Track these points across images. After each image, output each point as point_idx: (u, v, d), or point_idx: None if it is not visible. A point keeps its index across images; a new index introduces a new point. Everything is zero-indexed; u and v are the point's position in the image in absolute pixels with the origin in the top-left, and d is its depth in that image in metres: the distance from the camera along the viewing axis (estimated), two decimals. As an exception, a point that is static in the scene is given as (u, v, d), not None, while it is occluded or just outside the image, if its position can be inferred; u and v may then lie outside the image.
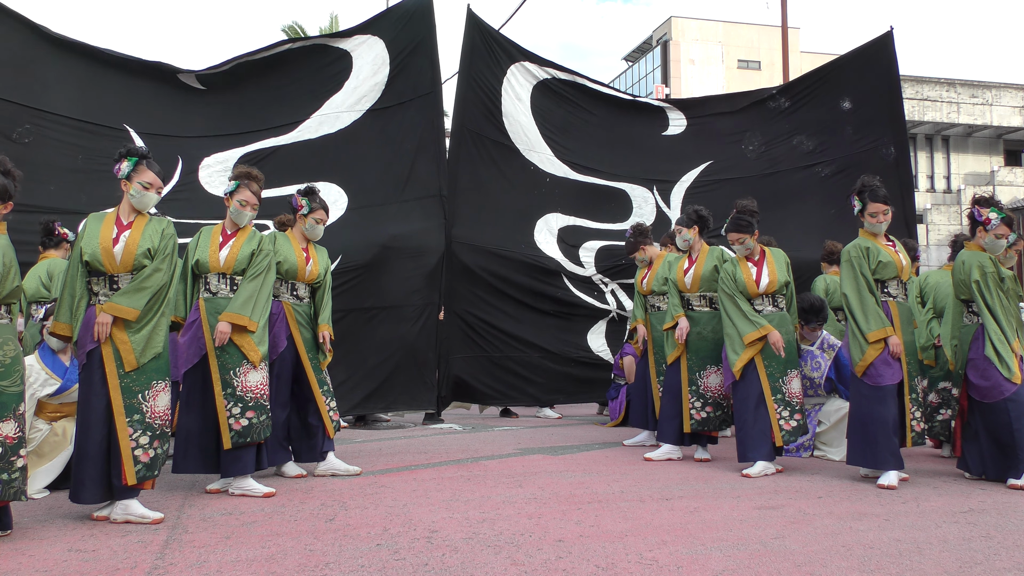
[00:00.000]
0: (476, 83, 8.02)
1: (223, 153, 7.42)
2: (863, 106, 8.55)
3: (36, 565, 3.05)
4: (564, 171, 8.39)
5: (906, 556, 3.15)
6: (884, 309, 4.73)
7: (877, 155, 8.39)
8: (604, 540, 3.36)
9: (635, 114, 8.90)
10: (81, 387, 3.85)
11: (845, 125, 8.60)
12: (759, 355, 5.08)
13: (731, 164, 8.72)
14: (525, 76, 8.33)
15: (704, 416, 5.50)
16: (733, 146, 8.80)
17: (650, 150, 8.77)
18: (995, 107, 28.57)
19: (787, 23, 15.42)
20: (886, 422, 4.61)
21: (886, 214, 4.81)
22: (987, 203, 4.73)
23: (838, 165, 8.53)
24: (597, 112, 8.70)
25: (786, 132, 8.75)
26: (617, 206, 8.52)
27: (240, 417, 4.35)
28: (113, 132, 7.07)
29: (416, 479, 4.80)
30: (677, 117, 8.90)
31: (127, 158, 3.93)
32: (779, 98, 8.84)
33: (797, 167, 8.67)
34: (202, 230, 4.63)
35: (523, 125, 8.24)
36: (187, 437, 4.40)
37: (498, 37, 8.40)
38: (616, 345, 8.10)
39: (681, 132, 8.86)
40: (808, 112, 8.73)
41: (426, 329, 7.48)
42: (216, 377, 4.35)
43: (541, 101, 8.40)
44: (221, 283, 4.48)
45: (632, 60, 43.86)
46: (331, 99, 7.71)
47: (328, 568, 2.98)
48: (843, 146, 8.58)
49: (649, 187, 8.61)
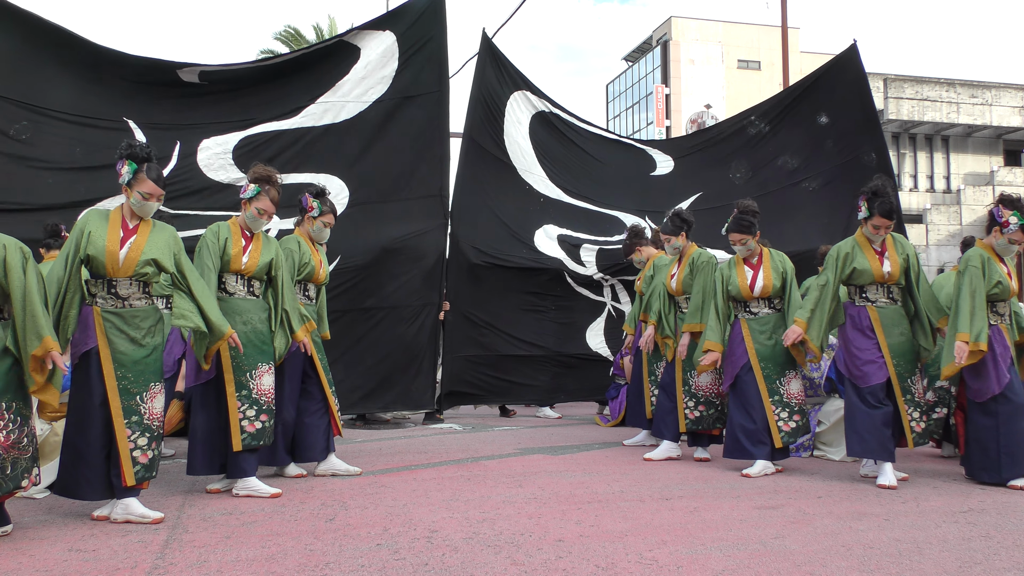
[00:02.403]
0: (483, 100, 8.17)
1: (223, 136, 7.26)
2: (839, 119, 8.82)
3: (36, 565, 3.05)
4: (557, 193, 8.56)
5: (906, 556, 3.15)
6: (862, 313, 4.81)
7: (859, 164, 8.62)
8: (604, 540, 3.36)
9: (624, 154, 9.16)
10: (74, 387, 3.82)
11: (825, 139, 8.87)
12: (755, 357, 5.10)
13: (720, 191, 8.88)
14: (526, 104, 8.53)
15: (697, 415, 5.52)
16: (721, 176, 9.03)
17: (640, 187, 9.01)
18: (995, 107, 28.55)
19: (787, 23, 15.42)
20: (871, 415, 4.67)
21: (888, 228, 4.83)
22: (1012, 205, 4.63)
23: (824, 178, 8.81)
24: (589, 149, 8.93)
25: (770, 155, 9.01)
26: (611, 227, 8.68)
27: (255, 420, 4.35)
28: (112, 125, 7.00)
29: (416, 479, 4.80)
30: (664, 159, 9.15)
31: (128, 162, 3.86)
32: (758, 124, 9.09)
33: (785, 185, 8.92)
34: (220, 227, 4.50)
35: (521, 147, 8.43)
36: (207, 438, 4.37)
37: (506, 63, 8.56)
38: (614, 342, 8.14)
39: (669, 172, 9.12)
40: (788, 132, 9.00)
41: (425, 329, 7.48)
42: (230, 378, 4.34)
43: (538, 130, 8.61)
44: (239, 284, 4.48)
45: (632, 60, 43.88)
46: (336, 86, 7.60)
47: (328, 568, 2.99)
48: (826, 159, 8.85)
49: (642, 216, 8.76)
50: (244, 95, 7.49)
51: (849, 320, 4.88)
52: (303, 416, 4.90)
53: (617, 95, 44.47)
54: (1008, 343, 4.67)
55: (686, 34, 39.03)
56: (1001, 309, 4.73)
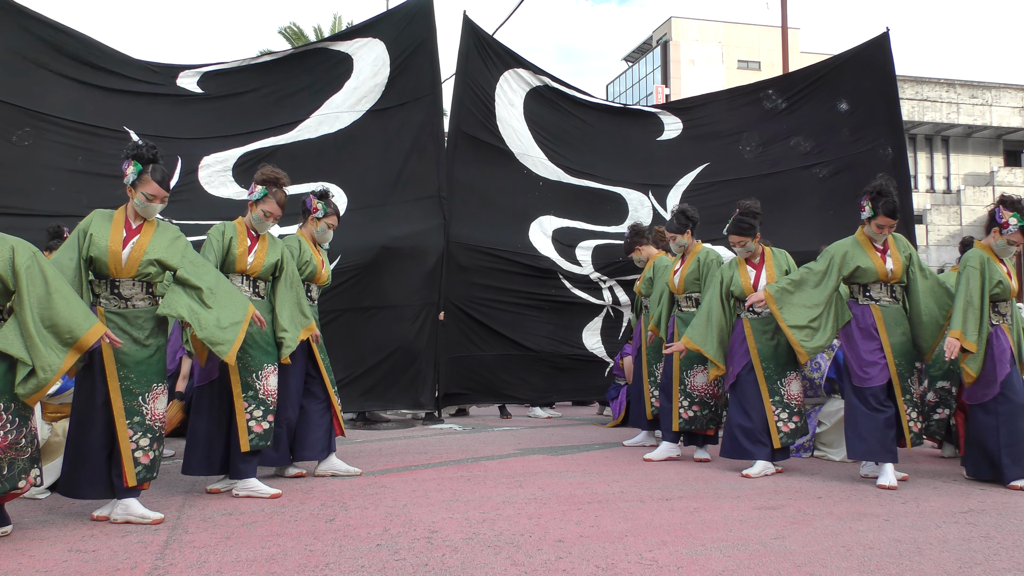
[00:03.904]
0: (471, 87, 8.05)
1: (222, 153, 7.40)
2: (860, 107, 8.54)
3: (36, 565, 3.05)
4: (558, 175, 8.42)
5: (906, 556, 3.15)
6: (866, 312, 4.82)
7: (874, 156, 8.38)
8: (604, 540, 3.36)
9: (628, 121, 8.92)
10: (78, 386, 3.82)
11: (842, 126, 8.58)
12: (757, 357, 5.10)
13: (728, 166, 8.69)
14: (518, 82, 8.38)
15: (691, 415, 5.52)
16: (730, 147, 8.77)
17: (645, 156, 8.77)
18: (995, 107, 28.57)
19: (787, 23, 15.42)
20: (873, 417, 4.67)
21: (892, 228, 4.83)
22: (1012, 207, 4.65)
23: (836, 166, 8.53)
24: (590, 119, 8.73)
25: (783, 133, 8.72)
26: (613, 209, 8.53)
27: (262, 420, 4.36)
28: (113, 134, 7.05)
29: (416, 479, 4.80)
30: (672, 121, 8.89)
31: (133, 162, 3.86)
32: (775, 98, 8.81)
33: (795, 168, 8.65)
34: (225, 226, 4.51)
35: (516, 130, 8.29)
36: (206, 439, 4.37)
37: (492, 43, 8.42)
38: (611, 342, 8.11)
39: (676, 136, 8.85)
40: (805, 113, 8.72)
41: (425, 329, 7.49)
42: (236, 379, 4.33)
43: (534, 107, 8.44)
44: (244, 285, 4.48)
45: (632, 60, 43.89)
46: (331, 99, 7.71)
47: (328, 568, 2.98)
48: (840, 147, 8.56)
49: (645, 191, 8.61)
50: (242, 107, 7.60)
51: (853, 319, 4.88)
52: (305, 415, 4.90)
53: (617, 95, 44.47)
54: (1010, 342, 4.68)
55: (686, 34, 39.04)
56: (1003, 309, 4.74)
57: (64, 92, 7.00)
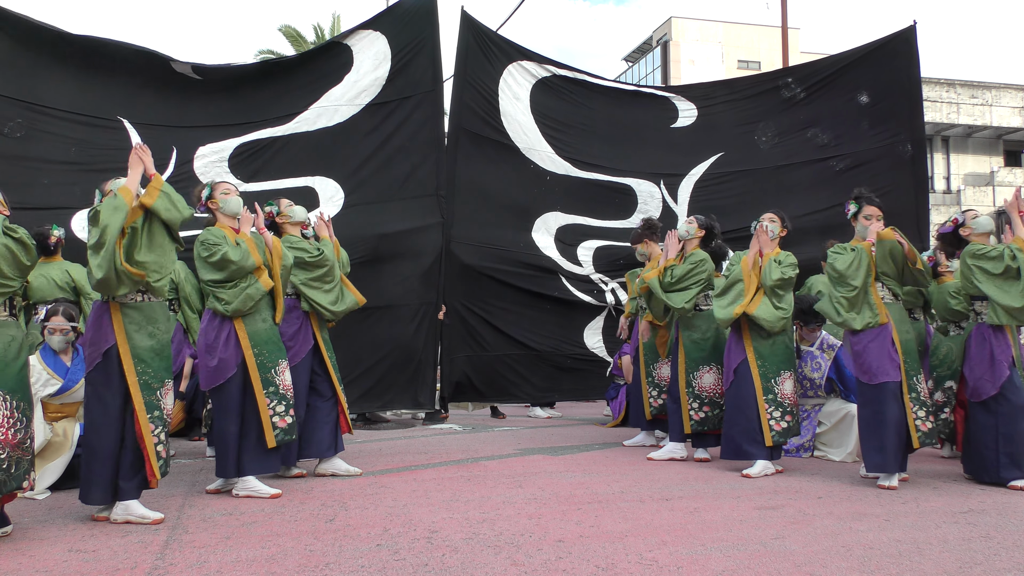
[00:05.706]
0: (472, 84, 7.96)
1: (219, 143, 7.31)
2: (881, 101, 8.31)
3: (36, 565, 3.05)
4: (565, 168, 8.28)
5: (906, 556, 3.15)
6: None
7: (893, 152, 8.20)
8: (604, 540, 3.36)
9: (641, 107, 8.68)
10: (93, 387, 3.80)
11: (862, 119, 8.35)
12: (753, 354, 5.10)
13: (743, 156, 8.48)
14: (523, 75, 8.23)
15: (703, 416, 5.51)
16: (746, 136, 8.55)
17: (657, 143, 8.57)
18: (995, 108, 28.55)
19: (787, 23, 15.39)
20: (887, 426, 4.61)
21: (879, 218, 4.85)
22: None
23: (853, 160, 8.31)
24: (600, 108, 8.52)
25: (801, 123, 8.50)
26: (621, 202, 8.37)
27: (284, 415, 4.41)
28: (107, 123, 6.99)
29: (416, 479, 4.80)
30: (687, 108, 8.65)
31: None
32: (794, 87, 8.56)
33: (811, 160, 8.44)
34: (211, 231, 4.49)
35: (522, 124, 8.16)
36: (235, 440, 4.34)
37: (494, 37, 8.31)
38: (612, 342, 8.09)
39: (691, 123, 8.62)
40: (824, 104, 8.47)
41: (423, 328, 7.47)
42: (256, 376, 4.36)
43: (541, 99, 8.28)
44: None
45: (632, 61, 43.86)
46: (330, 92, 7.63)
47: (328, 568, 2.98)
48: (859, 140, 8.33)
49: (656, 181, 8.43)
50: (239, 97, 7.52)
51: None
52: (312, 412, 4.91)
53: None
54: (1010, 342, 4.67)
55: (686, 34, 39.01)
56: (979, 307, 4.79)
57: (56, 82, 6.93)
